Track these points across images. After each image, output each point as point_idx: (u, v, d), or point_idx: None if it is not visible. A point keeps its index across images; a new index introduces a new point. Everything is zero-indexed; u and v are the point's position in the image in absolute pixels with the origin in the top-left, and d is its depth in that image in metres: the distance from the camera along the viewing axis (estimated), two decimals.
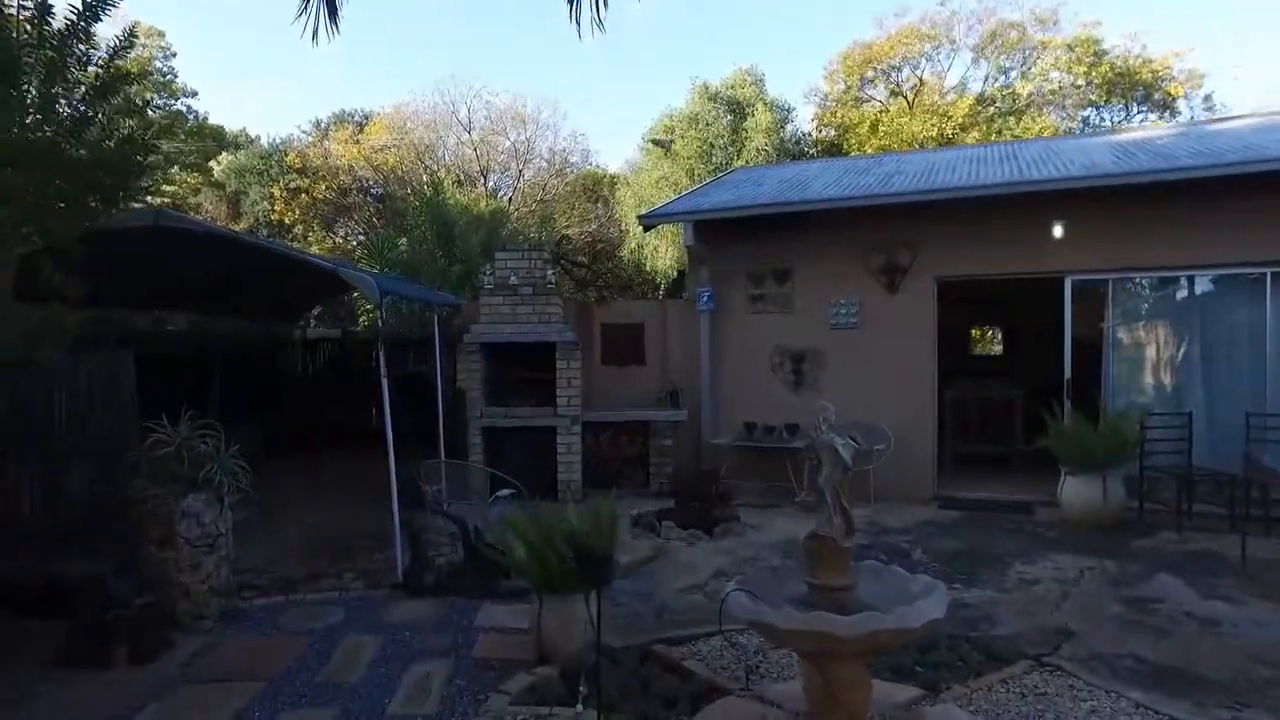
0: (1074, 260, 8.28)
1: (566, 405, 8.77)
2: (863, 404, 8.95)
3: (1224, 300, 8.07)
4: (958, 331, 13.05)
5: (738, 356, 9.54)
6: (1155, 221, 8.02)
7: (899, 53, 25.14)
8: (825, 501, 3.53)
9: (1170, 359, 8.25)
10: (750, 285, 9.49)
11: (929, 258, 8.74)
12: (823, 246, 9.17)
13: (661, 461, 9.16)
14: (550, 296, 8.98)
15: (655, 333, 9.92)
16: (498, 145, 28.35)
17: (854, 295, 9.02)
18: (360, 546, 6.79)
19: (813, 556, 3.53)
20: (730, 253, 9.54)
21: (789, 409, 9.26)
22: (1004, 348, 14.38)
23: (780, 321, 9.37)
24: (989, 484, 9.16)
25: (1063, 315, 8.48)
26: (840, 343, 9.11)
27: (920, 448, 8.81)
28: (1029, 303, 12.16)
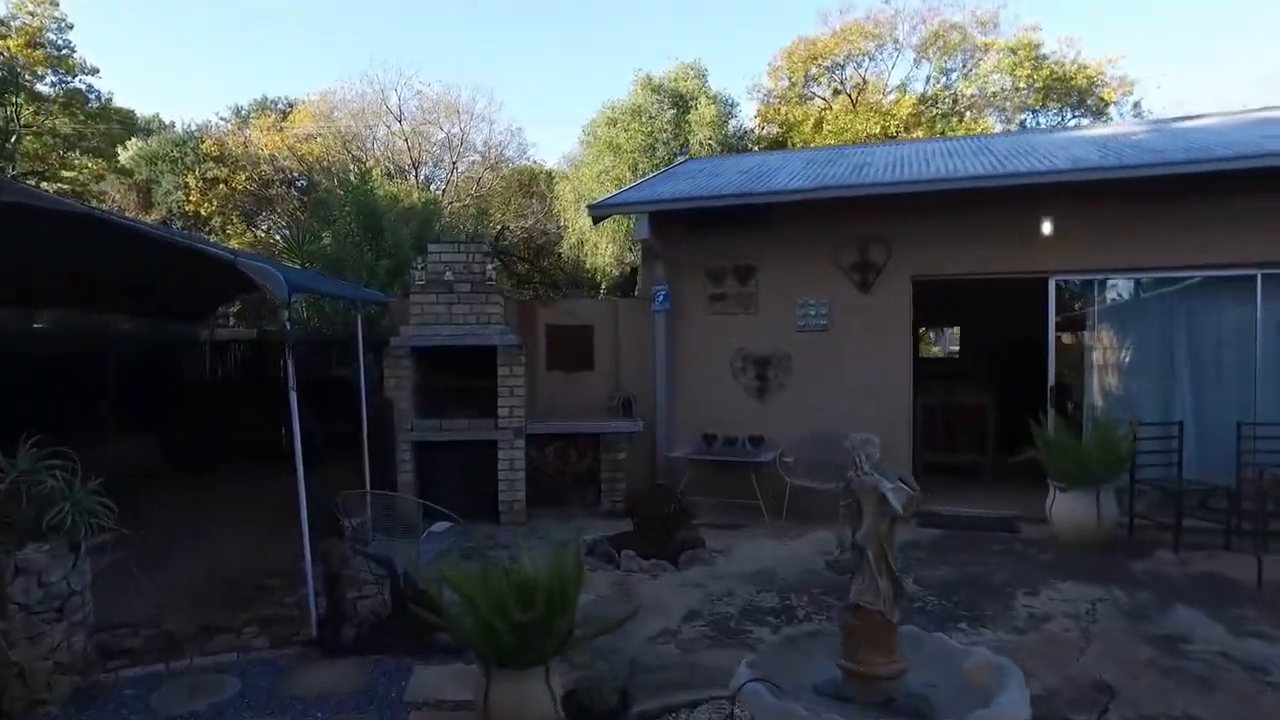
0: (1058, 260, 7.74)
1: (509, 416, 7.84)
2: (832, 412, 8.26)
3: (1211, 303, 7.63)
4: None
5: (696, 361, 8.75)
6: (1142, 220, 7.53)
7: (843, 50, 24.80)
8: (866, 562, 2.73)
9: (1156, 364, 7.77)
10: (710, 283, 8.71)
11: (905, 255, 8.09)
12: (790, 242, 8.45)
13: (614, 477, 8.30)
14: (490, 295, 8.03)
15: (605, 335, 9.05)
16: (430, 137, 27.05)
17: (823, 295, 8.32)
18: (269, 588, 5.74)
19: (852, 636, 2.73)
20: (688, 247, 8.75)
21: (752, 418, 8.52)
22: (960, 350, 13.95)
23: (743, 323, 8.61)
24: (966, 497, 8.57)
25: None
26: (808, 346, 8.40)
27: (895, 459, 8.11)
28: (987, 302, 11.74)
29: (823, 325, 8.31)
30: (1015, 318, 12.34)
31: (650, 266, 8.85)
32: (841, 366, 8.27)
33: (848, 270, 8.23)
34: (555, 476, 8.32)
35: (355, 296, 7.03)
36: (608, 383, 9.00)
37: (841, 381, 8.27)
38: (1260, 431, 7.27)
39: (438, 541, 4.89)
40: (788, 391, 8.45)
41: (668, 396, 8.74)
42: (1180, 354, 7.70)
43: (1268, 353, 7.46)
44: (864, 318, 8.20)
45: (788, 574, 6.15)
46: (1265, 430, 7.25)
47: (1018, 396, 10.41)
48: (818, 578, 6.03)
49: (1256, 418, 7.39)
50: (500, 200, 25.20)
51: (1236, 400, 7.57)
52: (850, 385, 8.24)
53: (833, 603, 5.49)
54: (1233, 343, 7.57)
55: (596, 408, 8.91)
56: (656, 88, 21.65)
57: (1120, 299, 7.85)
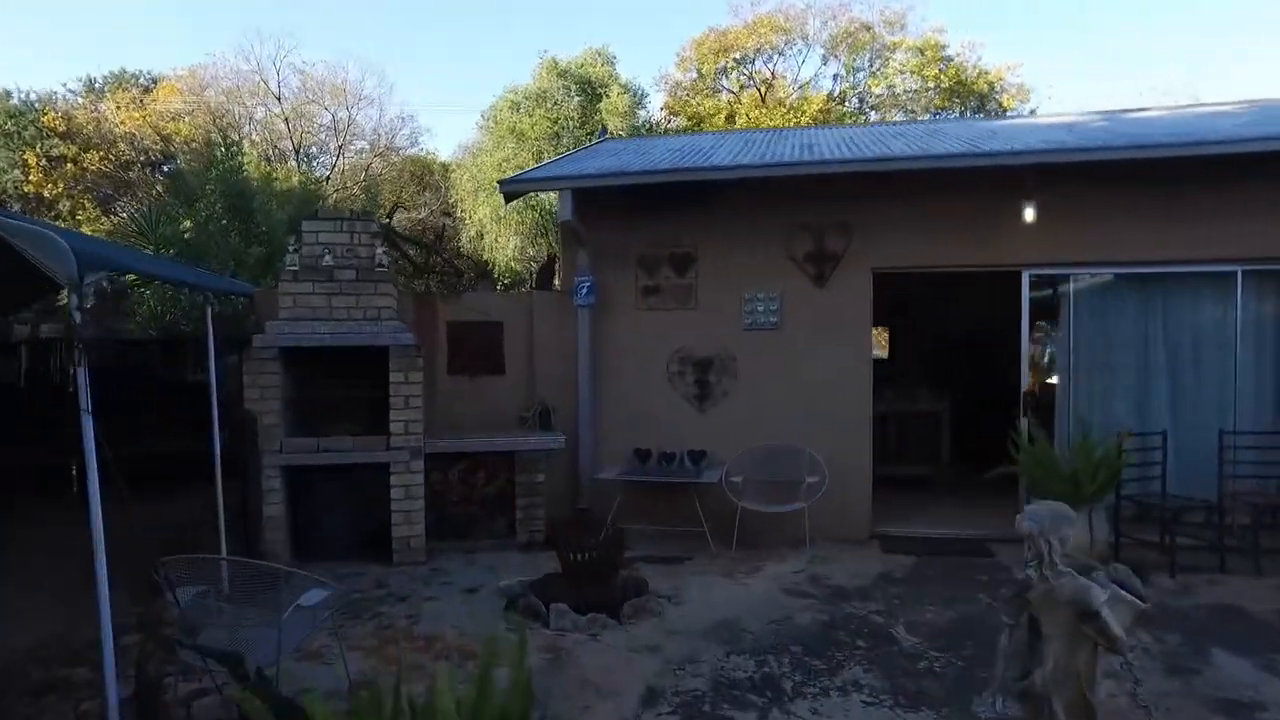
0: (1033, 251, 6.94)
1: (404, 433, 6.42)
2: (784, 422, 7.23)
3: (1189, 300, 7.01)
4: None
5: (626, 364, 7.55)
6: (1122, 210, 6.82)
7: (754, 43, 24.16)
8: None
9: (1132, 367, 7.09)
10: (642, 274, 7.52)
11: (865, 245, 7.13)
12: (734, 227, 7.36)
13: (531, 503, 6.99)
14: (381, 284, 6.59)
15: (519, 334, 7.73)
16: (314, 119, 24.87)
17: (774, 288, 7.27)
18: (63, 684, 4.18)
19: None
20: (616, 233, 7.54)
21: (693, 430, 7.39)
22: (890, 351, 13.28)
23: (680, 320, 7.47)
24: (927, 516, 7.71)
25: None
26: (756, 346, 7.33)
27: (855, 475, 7.19)
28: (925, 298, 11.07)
29: (773, 323, 7.26)
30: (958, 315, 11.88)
31: (572, 254, 7.59)
32: (795, 369, 7.24)
33: (801, 261, 7.21)
34: (461, 504, 6.95)
35: (201, 284, 5.47)
36: (521, 390, 7.68)
37: (795, 387, 7.24)
38: (1242, 441, 6.68)
39: (305, 621, 3.52)
40: (733, 399, 7.36)
41: (593, 406, 7.50)
42: (1157, 356, 7.05)
43: (1247, 355, 6.89)
44: (820, 314, 7.20)
45: (756, 626, 5.03)
46: (1247, 440, 6.67)
47: (966, 402, 9.76)
48: (791, 631, 4.95)
49: (1236, 425, 6.81)
50: (391, 190, 23.36)
51: (1215, 406, 6.98)
52: (805, 391, 7.23)
53: (819, 666, 4.41)
54: (1211, 343, 6.98)
55: (508, 420, 7.58)
56: (563, 72, 20.36)
57: (1095, 295, 7.13)
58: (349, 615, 5.17)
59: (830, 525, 7.01)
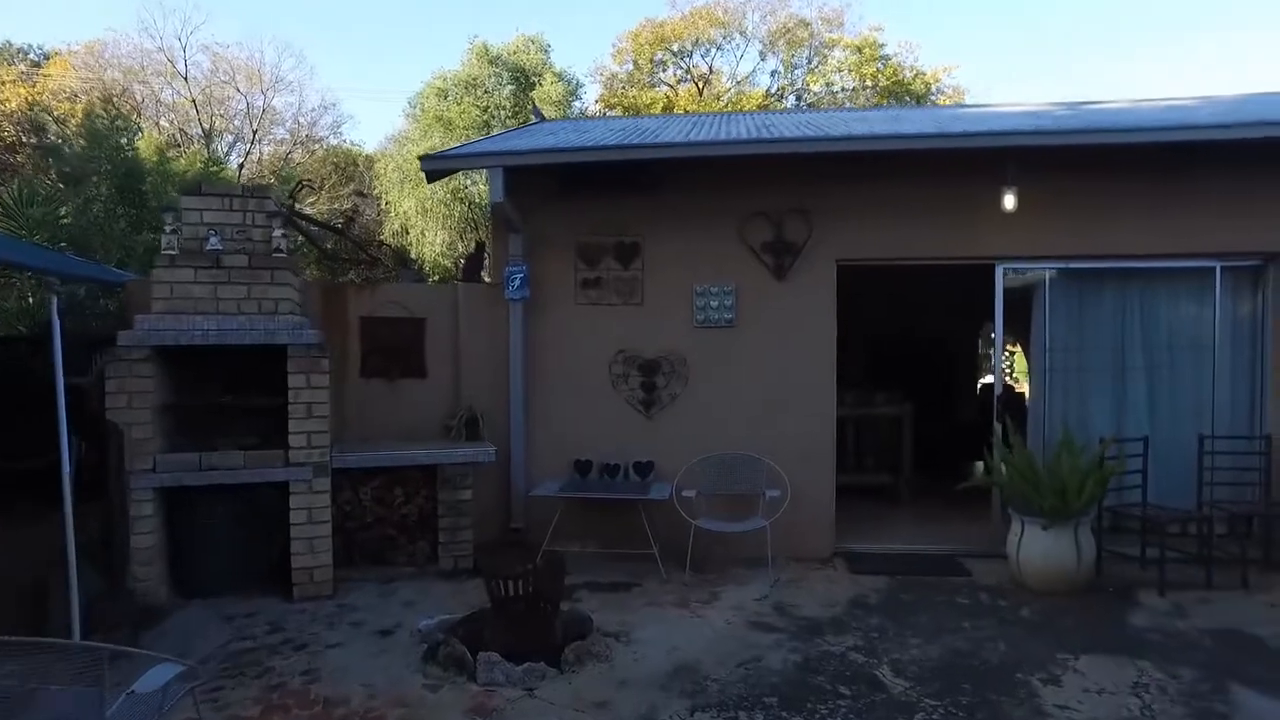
0: (1008, 243, 6.41)
1: (307, 446, 5.50)
2: (740, 429, 6.55)
3: (1168, 299, 6.59)
4: None
5: (564, 365, 6.75)
6: (1101, 203, 6.34)
7: (691, 35, 23.60)
8: None
9: (1107, 368, 6.64)
10: (582, 265, 6.73)
11: (828, 234, 6.49)
12: (685, 214, 6.63)
13: (456, 524, 6.14)
14: (279, 272, 5.64)
15: (443, 331, 6.86)
16: (227, 103, 23.31)
17: (728, 281, 6.57)
18: None
19: None
20: (553, 218, 6.73)
21: (639, 440, 6.64)
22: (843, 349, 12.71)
23: (625, 316, 6.70)
24: (893, 530, 7.13)
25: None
26: (709, 346, 6.62)
27: (818, 488, 6.55)
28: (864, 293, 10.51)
29: (727, 319, 6.56)
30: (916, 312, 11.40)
31: (504, 242, 6.75)
32: (752, 371, 6.56)
33: (759, 251, 6.53)
34: (375, 526, 6.05)
35: (54, 269, 4.43)
36: (446, 396, 6.81)
37: (752, 390, 6.56)
38: (1220, 446, 6.29)
39: (143, 711, 2.63)
40: (684, 404, 6.63)
41: (527, 413, 6.69)
42: (1134, 357, 6.61)
43: (1223, 356, 6.50)
44: (779, 310, 6.54)
45: (721, 672, 4.30)
46: (1223, 445, 6.28)
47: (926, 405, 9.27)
48: (762, 676, 4.24)
49: (1214, 430, 6.41)
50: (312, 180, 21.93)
51: (1193, 409, 6.58)
52: (763, 395, 6.55)
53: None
54: (1189, 344, 6.57)
55: (431, 429, 6.70)
56: (494, 59, 19.41)
57: (1072, 292, 6.64)
58: (229, 673, 4.25)
59: (792, 543, 6.36)
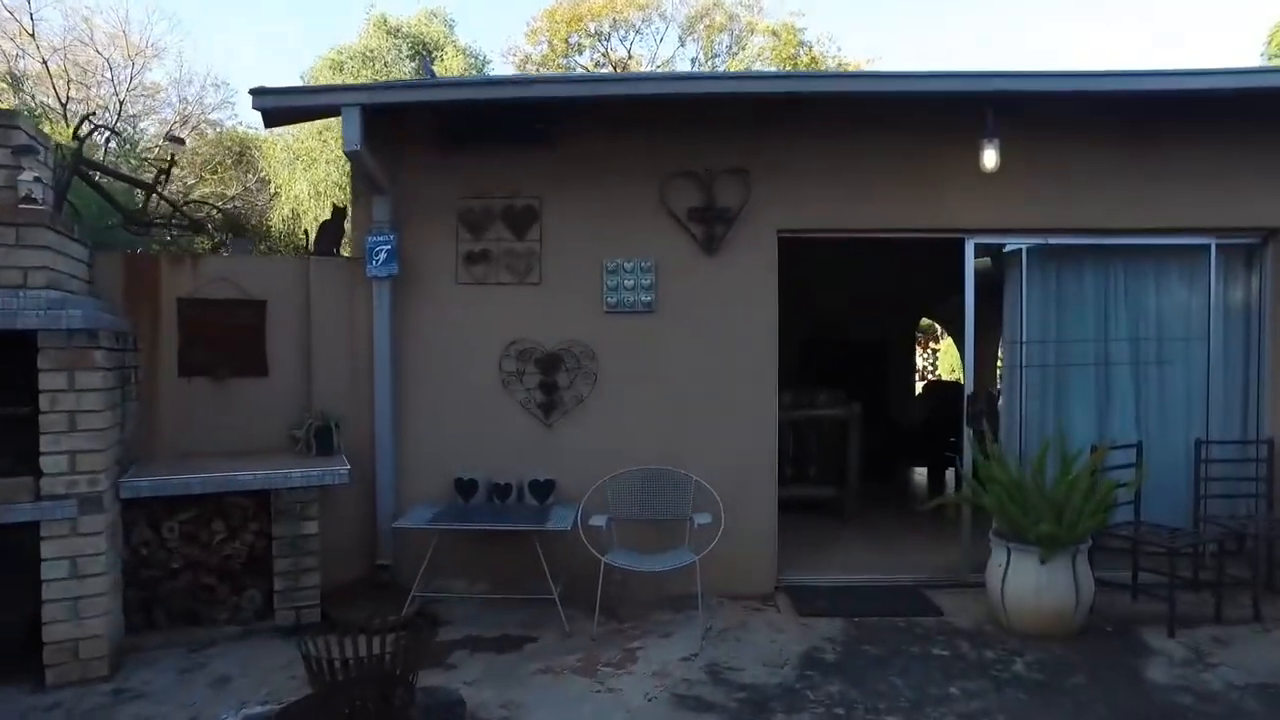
0: (980, 213, 5.36)
1: (70, 472, 3.97)
2: (661, 438, 5.33)
3: (1155, 281, 5.66)
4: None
5: (444, 361, 5.38)
6: (1086, 168, 5.37)
7: (610, 15, 22.35)
8: None
9: (1089, 362, 5.67)
10: (466, 234, 5.38)
11: (769, 199, 5.31)
12: (594, 172, 5.36)
13: (299, 565, 4.70)
14: (30, 229, 4.08)
15: (290, 317, 5.39)
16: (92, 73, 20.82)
17: (646, 255, 5.32)
18: None
19: None
20: (430, 176, 5.36)
21: (537, 453, 5.34)
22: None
23: (519, 299, 5.38)
24: (844, 556, 6.02)
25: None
26: (623, 336, 5.36)
27: (757, 509, 5.37)
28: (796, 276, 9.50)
29: (645, 303, 5.31)
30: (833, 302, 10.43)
31: (367, 205, 5.33)
32: (676, 366, 5.34)
33: (685, 219, 5.30)
34: (185, 573, 4.56)
35: None
36: (293, 399, 5.35)
37: (677, 390, 5.34)
38: (1217, 453, 5.40)
39: None
40: (592, 408, 5.35)
41: (396, 420, 5.30)
42: (1119, 349, 5.66)
43: (1217, 348, 5.61)
44: (710, 291, 5.33)
45: None
46: (1219, 451, 5.40)
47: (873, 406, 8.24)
48: None
49: (1209, 433, 5.51)
50: (204, 169, 19.49)
51: (1183, 409, 5.67)
52: (690, 396, 5.33)
53: None
54: (1179, 333, 5.65)
55: (272, 442, 5.24)
56: (393, 30, 17.75)
57: (1050, 273, 5.65)
58: None
59: (726, 576, 5.16)
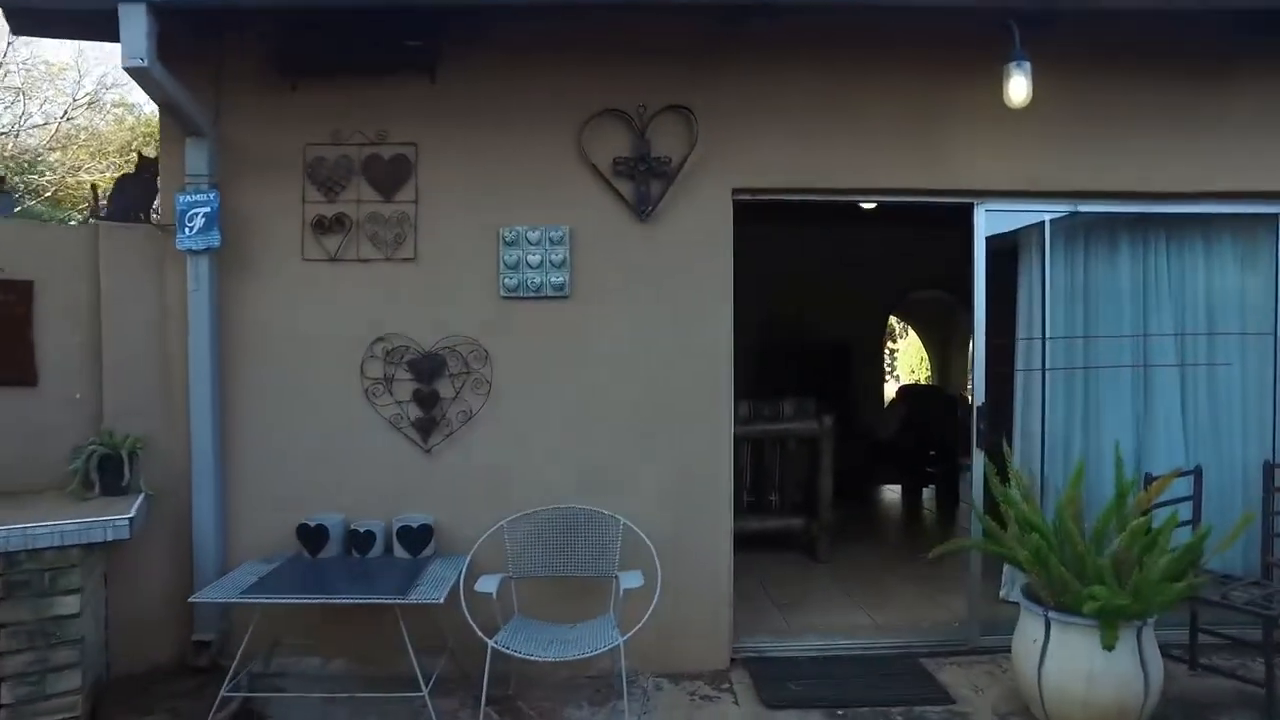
0: (994, 173, 4.12)
1: None
2: (578, 468, 3.98)
3: (1206, 259, 4.50)
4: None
5: (285, 364, 3.97)
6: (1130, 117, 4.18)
7: None
8: None
9: (1127, 365, 4.48)
10: (316, 194, 3.98)
11: (721, 148, 4.01)
12: (487, 110, 4.00)
13: (44, 661, 3.25)
14: None
15: (70, 305, 3.93)
16: None
17: (558, 222, 3.98)
18: None
19: None
20: (265, 116, 3.96)
21: (411, 487, 3.96)
22: None
23: (387, 281, 3.99)
24: (819, 608, 4.75)
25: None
26: (528, 331, 4.00)
27: (707, 558, 4.06)
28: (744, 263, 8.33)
29: (557, 286, 3.96)
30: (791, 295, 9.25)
31: (177, 152, 3.90)
32: (598, 371, 4.01)
33: (611, 173, 3.97)
34: None
35: None
36: (73, 415, 3.89)
37: (599, 402, 4.01)
38: None
39: None
40: (484, 428, 3.99)
41: (219, 444, 3.88)
42: (1164, 347, 4.48)
43: None
44: (645, 270, 4.01)
45: None
46: None
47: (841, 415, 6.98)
48: None
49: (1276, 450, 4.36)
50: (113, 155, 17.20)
51: (1242, 424, 4.50)
52: (618, 409, 4.01)
53: None
54: (1237, 326, 4.49)
55: (43, 474, 3.78)
56: None
57: (1072, 250, 4.44)
58: None
59: (665, 646, 3.86)
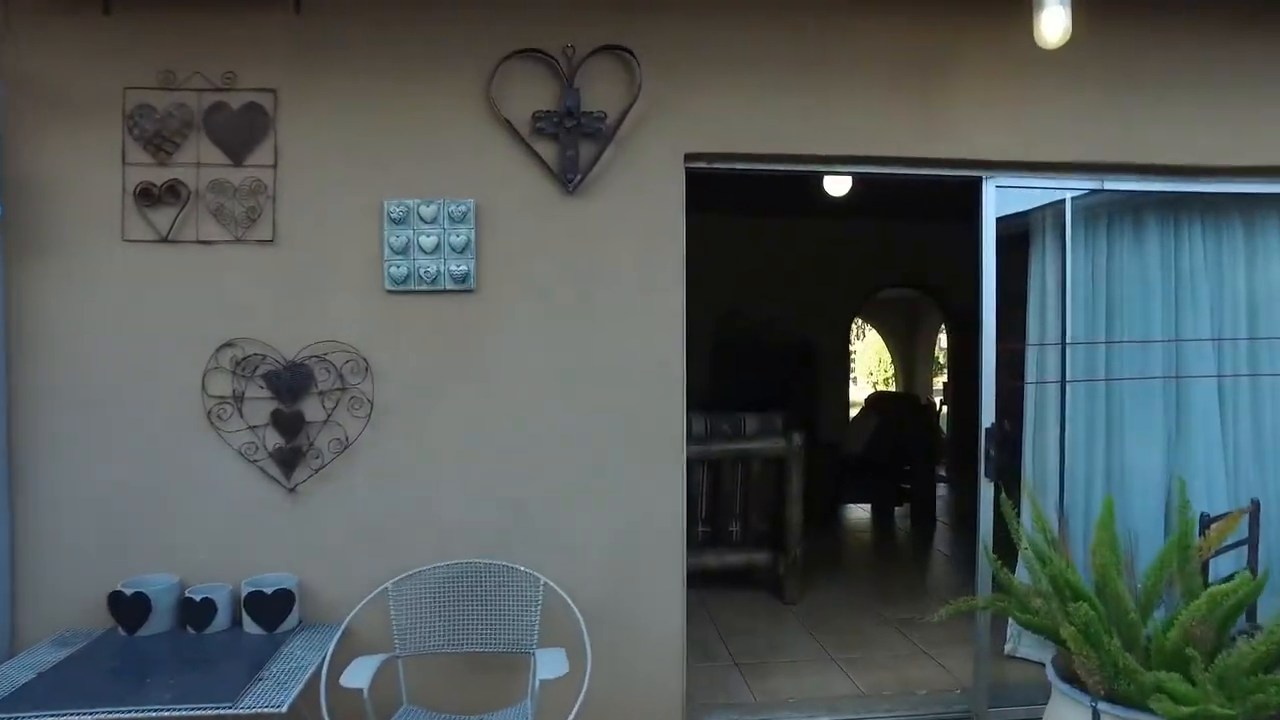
0: (1007, 141, 3.33)
1: None
2: (487, 509, 3.09)
3: (1247, 246, 3.78)
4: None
5: (97, 376, 3.01)
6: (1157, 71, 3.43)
7: None
8: None
9: (1158, 374, 3.74)
10: (141, 154, 3.02)
11: (671, 101, 3.15)
12: (367, 49, 3.09)
13: None
14: None
15: None
16: None
17: (460, 195, 3.07)
18: None
19: None
20: (69, 50, 2.99)
21: (266, 536, 3.03)
22: None
23: (236, 270, 3.05)
24: (788, 670, 3.89)
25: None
26: (421, 334, 3.10)
27: (652, 616, 3.20)
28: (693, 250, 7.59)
29: (460, 276, 3.06)
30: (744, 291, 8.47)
31: None
32: (515, 384, 3.12)
33: (529, 131, 3.08)
34: None
35: None
36: None
37: (515, 423, 3.12)
38: None
39: None
40: (366, 458, 3.07)
41: (6, 481, 2.91)
42: (1196, 353, 3.75)
43: None
44: (573, 256, 3.13)
45: None
46: None
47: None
48: None
49: None
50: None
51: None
52: (538, 433, 3.12)
53: None
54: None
55: None
56: None
57: (1093, 231, 3.69)
58: None
59: None
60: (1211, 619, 2.43)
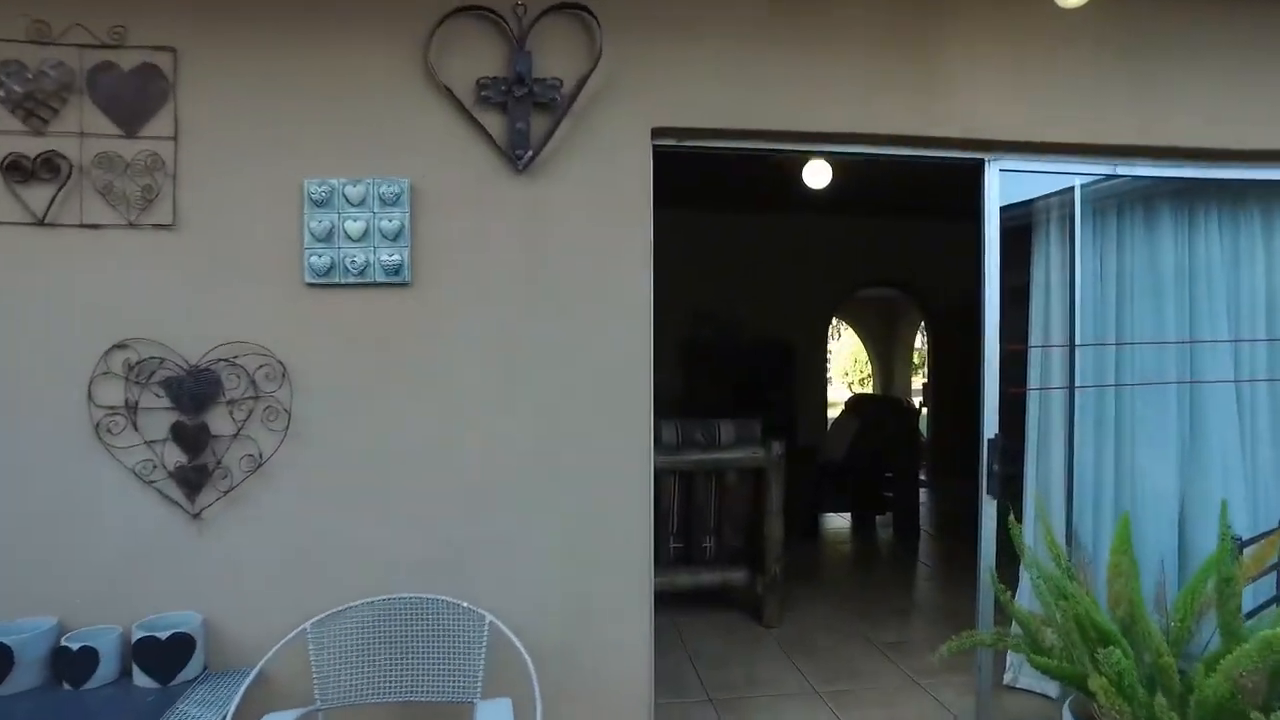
0: (1012, 117, 2.99)
1: None
2: (424, 536, 2.67)
3: (1266, 239, 3.47)
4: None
5: None
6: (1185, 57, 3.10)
7: None
8: None
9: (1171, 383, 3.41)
10: (10, 119, 2.57)
11: (637, 69, 2.77)
12: (284, 5, 2.67)
13: None
14: None
15: None
16: None
17: (393, 174, 2.67)
18: None
19: None
20: None
21: (165, 570, 2.59)
22: None
23: (130, 259, 2.62)
24: (763, 700, 3.51)
25: None
26: (347, 334, 2.68)
27: (614, 658, 2.80)
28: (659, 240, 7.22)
29: (392, 267, 2.65)
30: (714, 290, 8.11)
31: None
32: (456, 391, 2.71)
33: (473, 101, 2.67)
34: None
35: None
36: None
37: (456, 436, 2.71)
38: None
39: None
40: (282, 478, 2.65)
41: None
42: (1213, 355, 3.43)
43: None
44: (524, 245, 2.73)
45: None
46: None
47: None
48: None
49: None
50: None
51: None
52: (484, 447, 2.72)
53: None
54: None
55: None
56: None
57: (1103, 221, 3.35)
58: None
59: None
60: (1264, 667, 2.09)
